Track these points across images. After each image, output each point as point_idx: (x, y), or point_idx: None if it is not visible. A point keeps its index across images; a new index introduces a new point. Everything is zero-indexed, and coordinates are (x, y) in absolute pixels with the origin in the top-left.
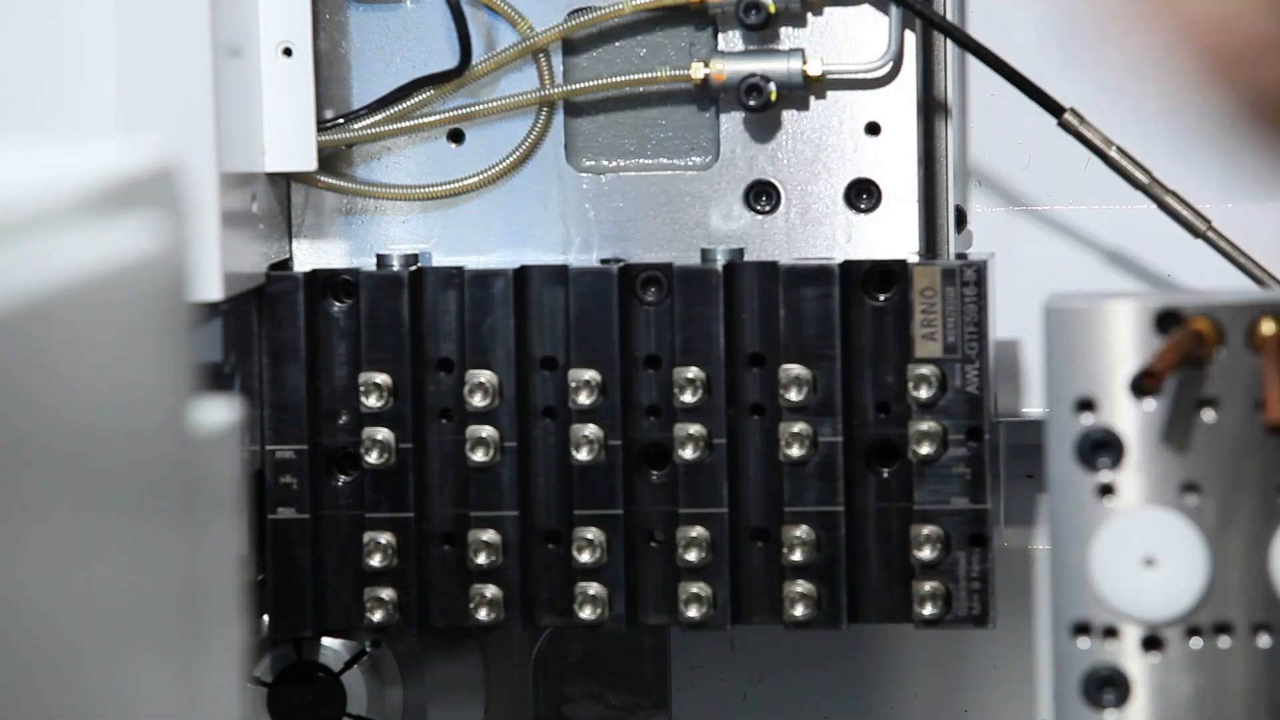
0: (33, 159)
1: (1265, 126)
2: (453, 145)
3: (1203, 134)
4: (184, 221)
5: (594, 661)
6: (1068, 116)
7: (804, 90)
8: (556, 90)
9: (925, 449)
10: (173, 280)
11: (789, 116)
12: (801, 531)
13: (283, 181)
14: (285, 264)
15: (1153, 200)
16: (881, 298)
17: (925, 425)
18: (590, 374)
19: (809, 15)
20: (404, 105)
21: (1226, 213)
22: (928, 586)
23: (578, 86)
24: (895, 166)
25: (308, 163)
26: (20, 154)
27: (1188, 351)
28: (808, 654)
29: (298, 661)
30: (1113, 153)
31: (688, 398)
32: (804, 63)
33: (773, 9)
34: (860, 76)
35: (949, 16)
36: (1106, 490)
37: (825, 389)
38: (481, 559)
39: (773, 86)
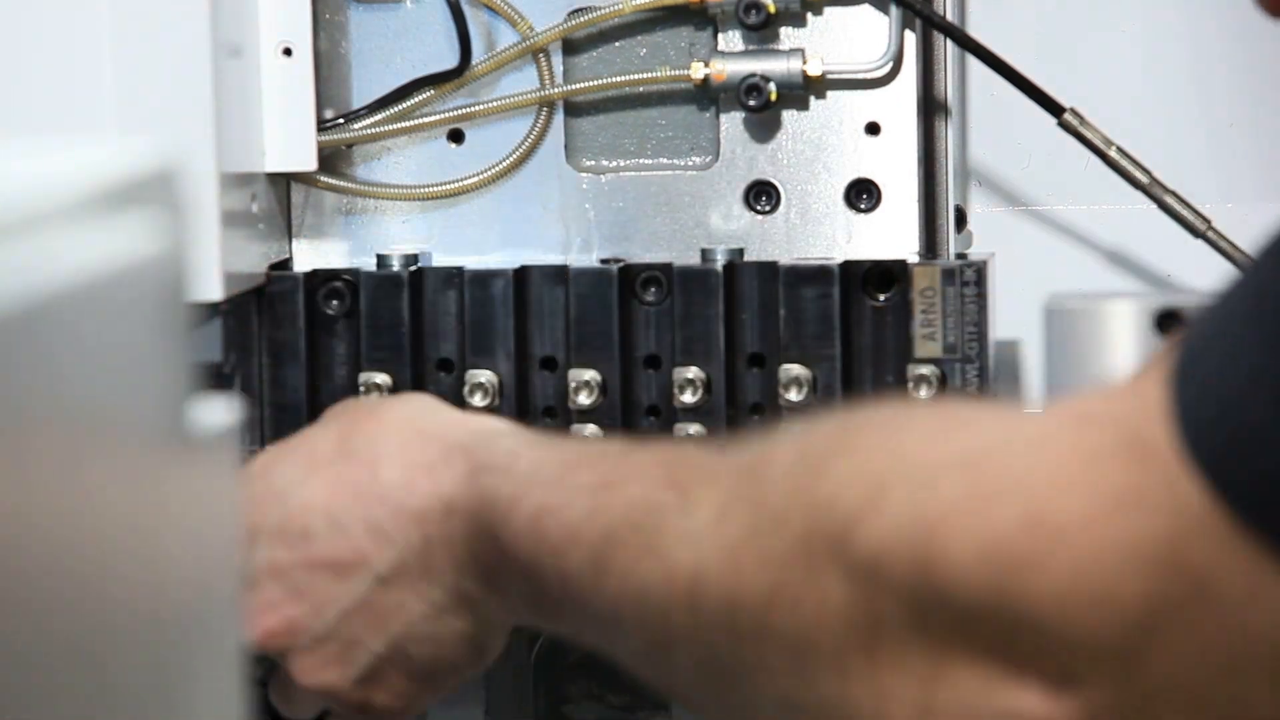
0: (33, 159)
1: None
2: (453, 145)
3: (1203, 134)
4: (184, 221)
5: (594, 661)
6: (1068, 116)
7: (804, 90)
8: (556, 90)
9: None
10: (173, 280)
11: (789, 116)
12: None
13: (283, 181)
14: (285, 264)
15: (1153, 200)
16: (881, 298)
17: None
18: (590, 374)
19: (809, 15)
20: (404, 105)
21: (1226, 213)
22: None
23: (578, 86)
24: (895, 166)
25: (308, 163)
26: (20, 154)
27: None
28: None
29: None
30: (1113, 153)
31: (688, 398)
32: (804, 63)
33: (773, 9)
34: (860, 76)
35: (949, 16)
36: None
37: (825, 389)
38: None
39: (773, 86)
